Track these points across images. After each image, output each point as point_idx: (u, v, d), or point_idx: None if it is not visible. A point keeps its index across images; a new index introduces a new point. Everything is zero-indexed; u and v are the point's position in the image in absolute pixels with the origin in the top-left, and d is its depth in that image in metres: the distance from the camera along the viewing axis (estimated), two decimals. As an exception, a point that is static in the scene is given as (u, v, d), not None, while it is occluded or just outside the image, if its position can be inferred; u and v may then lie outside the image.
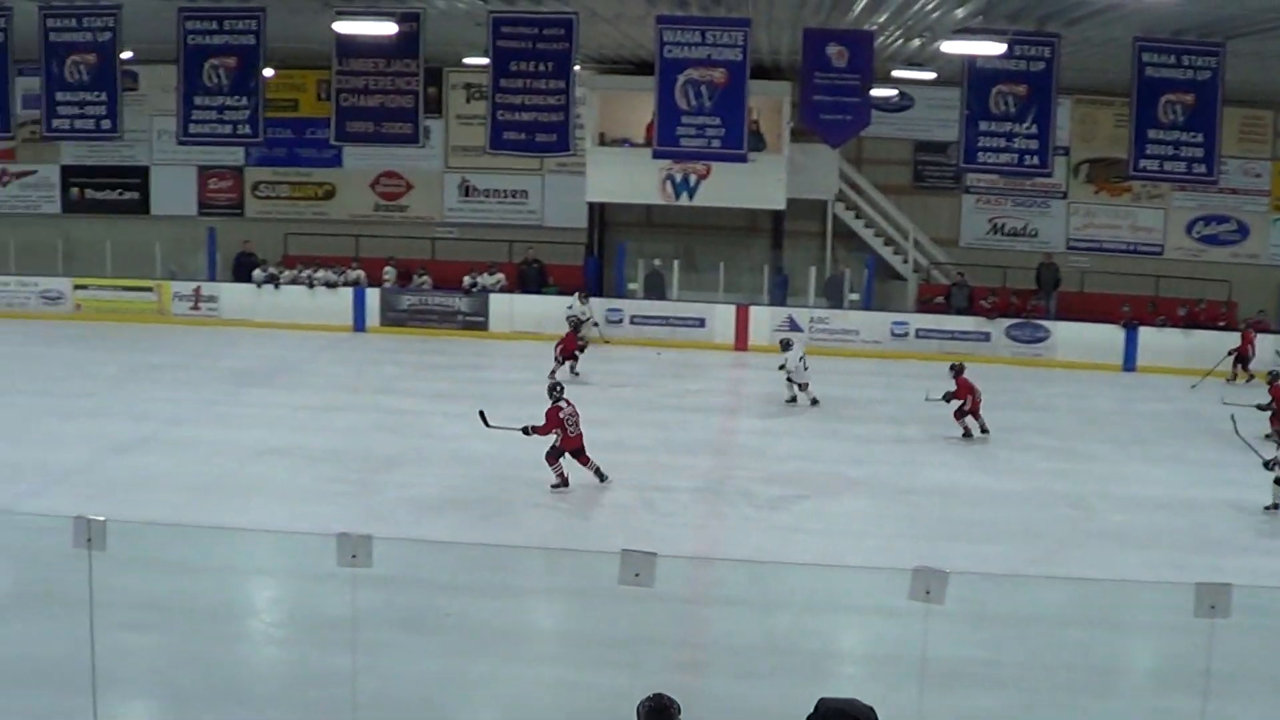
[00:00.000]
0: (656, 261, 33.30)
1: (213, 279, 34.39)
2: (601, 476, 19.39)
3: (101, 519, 8.16)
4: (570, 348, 27.50)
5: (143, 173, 36.75)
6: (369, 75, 24.67)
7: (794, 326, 31.42)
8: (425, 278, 33.71)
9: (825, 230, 33.94)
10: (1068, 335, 31.34)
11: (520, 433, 19.27)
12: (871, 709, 6.81)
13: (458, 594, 14.38)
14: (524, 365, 27.68)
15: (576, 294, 31.47)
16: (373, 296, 32.87)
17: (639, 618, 13.23)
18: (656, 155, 25.40)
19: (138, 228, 35.71)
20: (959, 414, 23.29)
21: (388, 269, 33.98)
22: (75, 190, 37.15)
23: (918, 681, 10.06)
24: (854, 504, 19.29)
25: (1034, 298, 32.88)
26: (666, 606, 13.09)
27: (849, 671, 13.55)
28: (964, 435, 23.27)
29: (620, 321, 32.03)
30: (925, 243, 34.45)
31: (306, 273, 33.41)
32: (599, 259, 34.45)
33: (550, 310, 31.27)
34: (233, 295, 33.17)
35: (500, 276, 33.43)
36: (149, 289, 33.52)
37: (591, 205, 34.03)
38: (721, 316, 32.01)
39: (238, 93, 24.19)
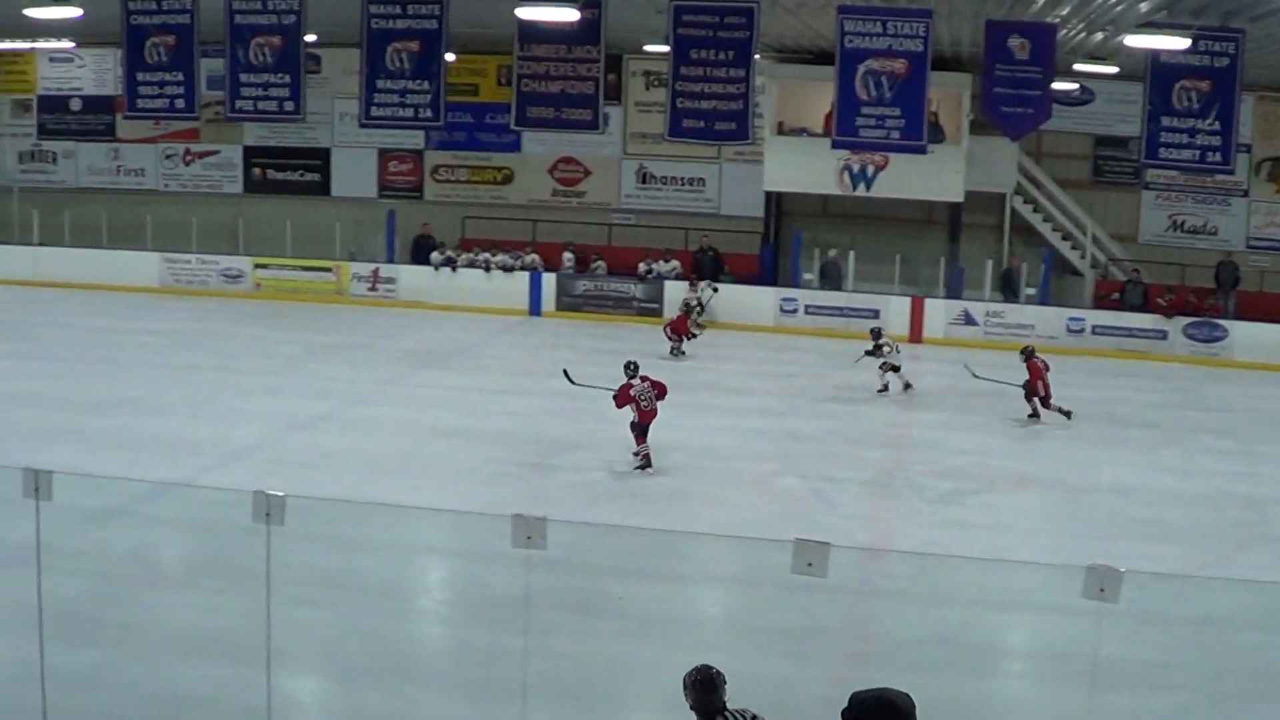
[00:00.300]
0: (832, 252, 33.05)
1: (391, 261, 34.85)
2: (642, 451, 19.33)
3: (281, 494, 8.24)
4: (680, 329, 28.21)
5: (324, 154, 37.31)
6: (550, 61, 24.84)
7: (969, 320, 31.10)
8: (600, 263, 33.82)
9: (1002, 224, 33.45)
10: (1246, 335, 30.53)
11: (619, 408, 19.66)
12: (907, 694, 6.46)
13: (626, 579, 14.38)
14: (699, 351, 27.69)
15: (692, 279, 32.01)
16: (548, 281, 33.05)
17: (806, 608, 13.11)
18: (835, 145, 25.27)
19: (318, 209, 36.29)
20: (1029, 395, 23.23)
21: (567, 254, 34.13)
22: (257, 171, 37.86)
23: (1088, 681, 9.85)
24: (1025, 500, 19.02)
25: (1212, 297, 32.08)
26: (835, 597, 12.97)
27: (1016, 668, 13.39)
28: (1030, 415, 23.26)
29: (795, 311, 31.87)
30: (1103, 238, 33.82)
31: (483, 256, 33.70)
32: (775, 248, 34.31)
33: (726, 299, 31.29)
34: (410, 277, 33.56)
35: (676, 264, 33.43)
36: (328, 269, 34.03)
37: (768, 194, 33.89)
38: (896, 308, 31.68)
39: (419, 77, 24.46)
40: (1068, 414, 23.15)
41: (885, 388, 25.22)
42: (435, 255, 33.90)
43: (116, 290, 33.15)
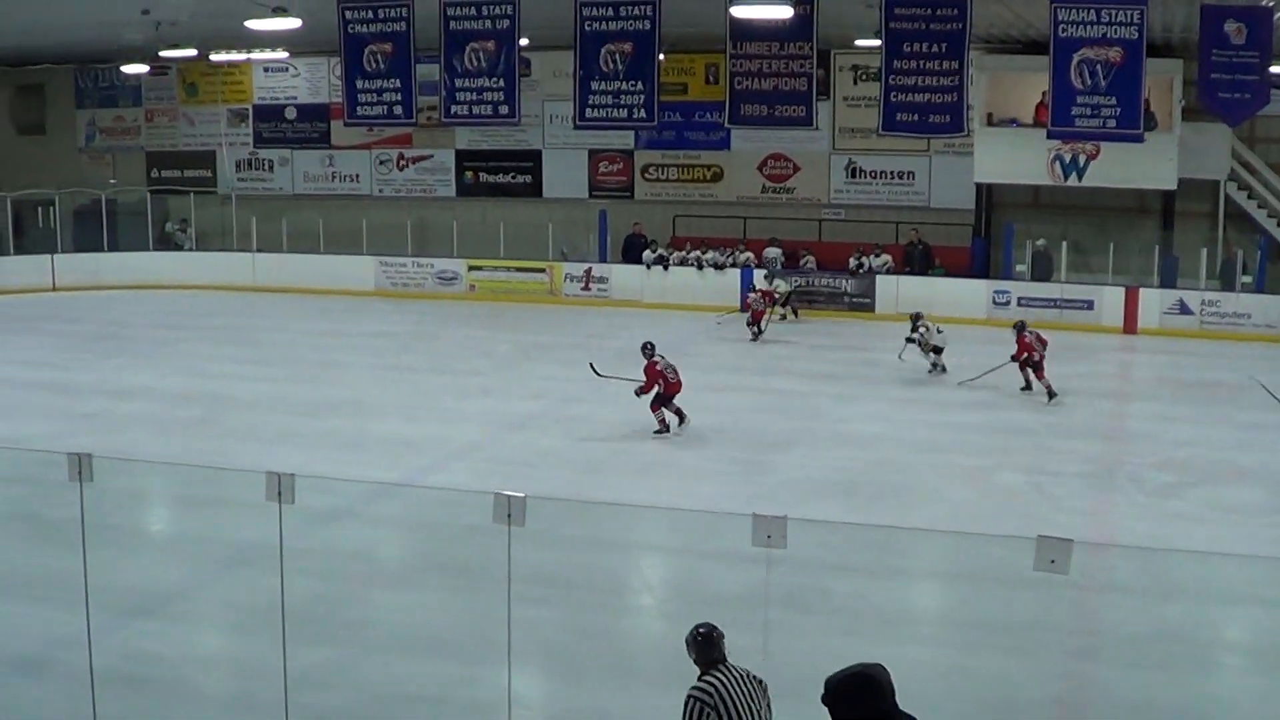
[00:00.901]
0: (1040, 242, 32.44)
1: (603, 260, 35.00)
2: (682, 418, 20.71)
3: (521, 495, 8.22)
4: (758, 317, 29.43)
5: (535, 156, 37.60)
6: (763, 59, 24.78)
7: (1184, 309, 30.32)
8: (810, 258, 33.62)
9: (1216, 211, 32.47)
10: None
11: (635, 394, 20.70)
12: (881, 665, 6.43)
13: (847, 575, 14.21)
14: (913, 348, 27.39)
15: (765, 271, 32.45)
16: (758, 278, 32.90)
17: (1029, 603, 12.87)
18: (1051, 135, 24.86)
19: (530, 210, 36.58)
20: (1022, 365, 23.53)
21: (771, 249, 33.97)
22: (469, 174, 38.28)
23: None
24: (1247, 493, 18.38)
25: None
26: (1057, 593, 12.63)
27: (1239, 663, 13.06)
28: (1024, 387, 23.56)
29: (1008, 303, 31.33)
30: (1323, 225, 32.70)
31: (694, 254, 33.71)
32: (986, 240, 33.78)
33: (937, 292, 30.95)
34: (623, 276, 33.71)
35: (887, 258, 33.12)
36: (541, 270, 34.32)
37: (979, 186, 33.36)
38: (1110, 299, 31.00)
39: (633, 77, 24.58)
40: (1052, 394, 23.06)
41: (935, 367, 25.28)
42: (647, 254, 34.02)
43: (333, 294, 33.79)
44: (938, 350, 25.38)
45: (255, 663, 12.24)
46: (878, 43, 24.14)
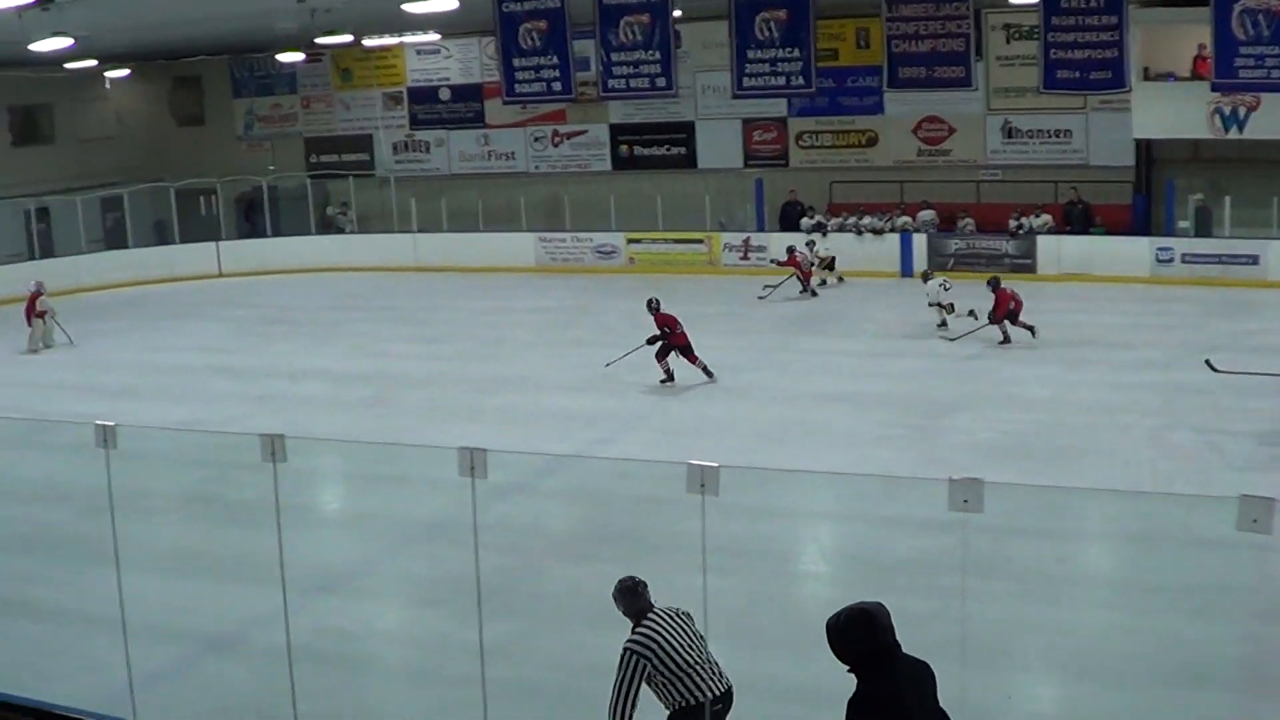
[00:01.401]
0: (1198, 197, 31.76)
1: (761, 229, 34.93)
2: (709, 374, 21.89)
3: (715, 465, 8.22)
4: (807, 276, 30.44)
5: (689, 128, 37.51)
6: (919, 20, 24.51)
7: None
8: (969, 221, 33.26)
9: (1383, 159, 31.56)
10: None
11: (647, 344, 22.02)
12: (880, 604, 6.76)
13: (1024, 538, 14.06)
14: (1074, 307, 27.00)
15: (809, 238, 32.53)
16: (919, 242, 32.64)
17: (1207, 565, 12.69)
18: (1215, 88, 24.35)
19: (686, 181, 36.56)
20: (997, 321, 24.23)
21: (925, 212, 33.70)
22: (624, 147, 38.31)
23: None
24: None
25: None
26: (1236, 554, 12.43)
27: None
28: (1002, 341, 24.15)
29: (1171, 261, 30.73)
30: None
31: (852, 220, 33.52)
32: (1147, 197, 33.16)
33: (1099, 252, 30.53)
34: (782, 244, 33.58)
35: (1047, 218, 32.64)
36: (699, 240, 34.32)
37: (1138, 142, 32.72)
38: (1276, 253, 30.20)
39: (789, 44, 24.46)
40: (1031, 329, 24.08)
41: (943, 323, 25.54)
42: (805, 221, 33.88)
43: (495, 271, 34.08)
44: (949, 308, 25.63)
45: (441, 636, 12.44)
46: (1033, 0, 23.75)
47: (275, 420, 19.35)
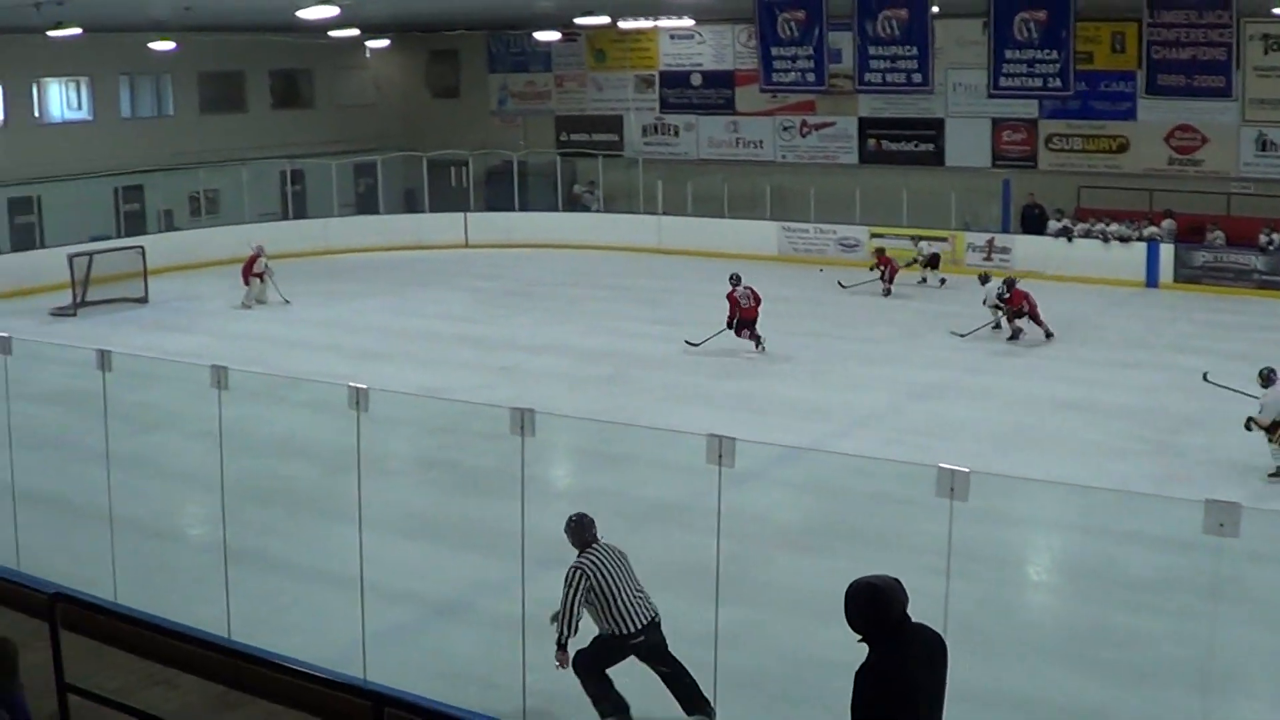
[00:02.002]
0: None
1: (1006, 230, 34.49)
2: (758, 343, 24.00)
3: (965, 470, 8.21)
4: (894, 272, 30.83)
5: (938, 125, 37.13)
6: (1181, 28, 24.04)
7: None
8: (1219, 234, 32.44)
9: None
10: None
11: (728, 328, 24.04)
12: (893, 578, 6.86)
13: (1265, 564, 13.74)
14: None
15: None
16: (1166, 252, 31.91)
17: None
18: None
19: (932, 178, 36.23)
20: (1010, 317, 25.21)
21: (1166, 221, 32.95)
22: (872, 141, 38.08)
23: None
24: None
25: None
26: None
27: None
28: (1012, 337, 25.14)
29: None
30: None
31: (1099, 226, 32.94)
32: None
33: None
34: (1025, 246, 33.11)
35: (1299, 235, 31.71)
36: (943, 239, 33.99)
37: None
38: None
39: (1047, 46, 24.25)
40: (1049, 333, 25.09)
41: (998, 325, 26.00)
42: (1052, 224, 33.38)
43: (736, 258, 34.07)
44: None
45: (667, 619, 12.56)
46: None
47: (515, 392, 19.78)
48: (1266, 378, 17.85)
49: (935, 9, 25.89)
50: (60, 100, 39.16)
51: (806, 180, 37.01)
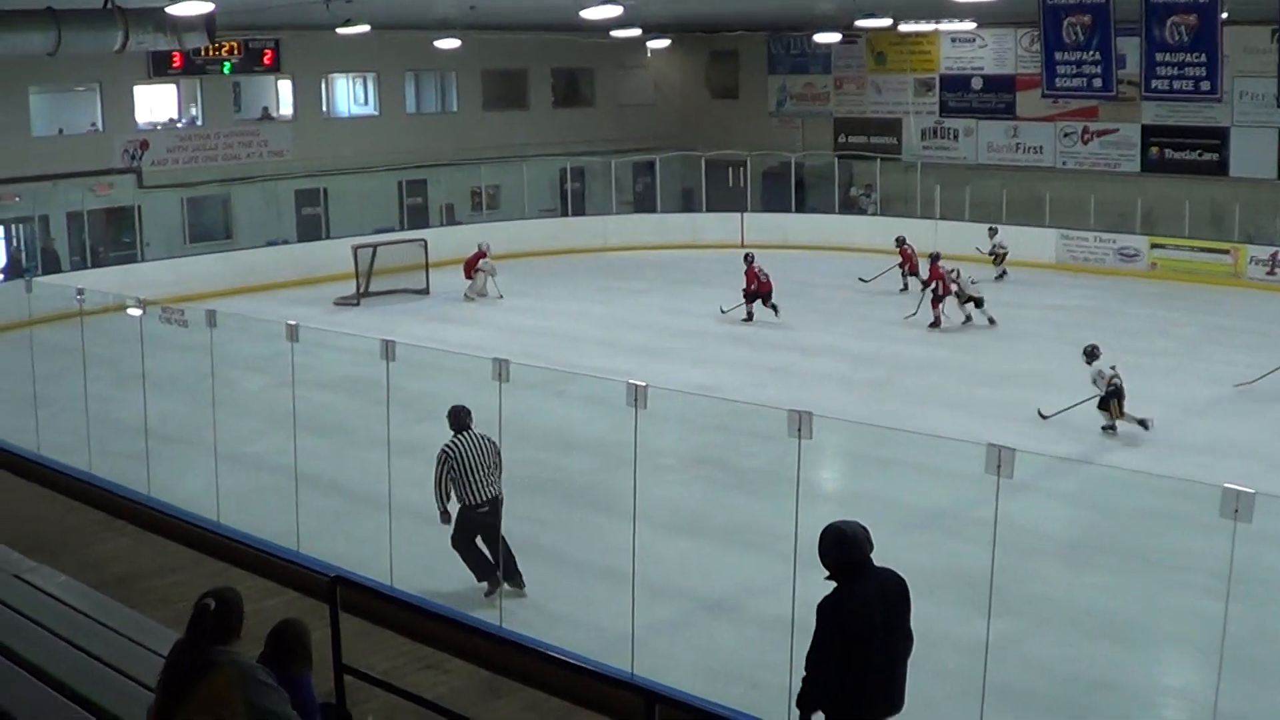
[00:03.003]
0: None
1: (1291, 244, 33.49)
2: (774, 309, 27.24)
3: (1251, 491, 8.08)
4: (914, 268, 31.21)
5: (1222, 134, 36.11)
6: None
7: None
8: None
9: None
10: None
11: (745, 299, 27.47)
12: (858, 523, 7.94)
13: None
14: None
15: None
16: None
17: None
18: None
19: (1215, 188, 35.29)
20: (934, 301, 26.70)
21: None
22: (1154, 150, 37.22)
23: None
24: None
25: None
26: None
27: None
28: (932, 324, 26.63)
29: None
30: None
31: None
32: None
33: None
34: (1314, 263, 32.16)
35: None
36: (1225, 251, 33.12)
37: None
38: None
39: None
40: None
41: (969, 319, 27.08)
42: (1340, 241, 32.33)
43: (1014, 265, 33.70)
44: (977, 302, 26.99)
45: (929, 626, 12.55)
46: None
47: (785, 393, 19.92)
48: (1090, 354, 20.00)
49: (1224, 15, 25.24)
50: (347, 96, 40.57)
51: (1086, 187, 36.33)
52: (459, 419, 13.31)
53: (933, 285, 26.44)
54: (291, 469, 14.10)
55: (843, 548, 7.77)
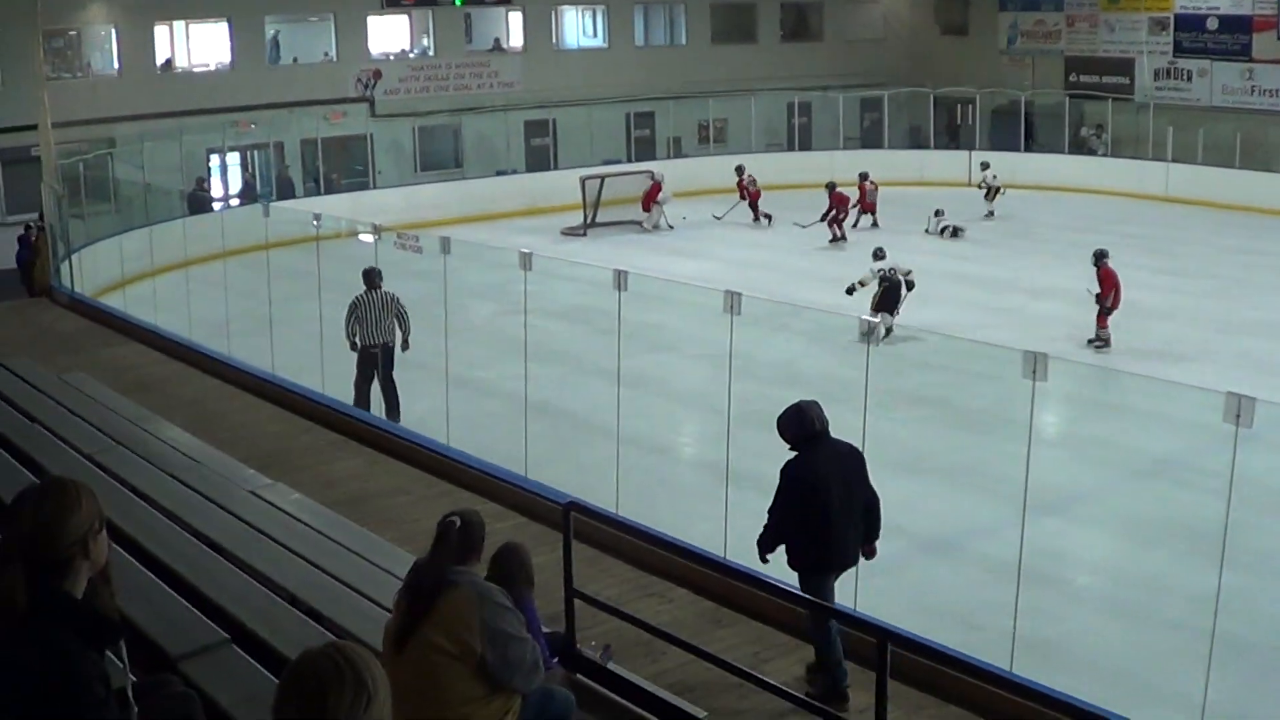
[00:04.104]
0: None
1: None
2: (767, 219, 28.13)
3: None
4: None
5: None
6: None
7: None
8: None
9: None
10: None
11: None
12: (814, 402, 9.21)
13: None
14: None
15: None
16: None
17: None
18: None
19: None
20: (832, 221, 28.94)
21: None
22: None
23: None
24: None
25: None
26: None
27: None
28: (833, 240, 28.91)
29: None
30: None
31: None
32: None
33: None
34: None
35: None
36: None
37: None
38: None
39: None
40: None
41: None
42: None
43: (1248, 210, 32.82)
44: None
45: (1155, 577, 12.39)
46: None
47: (1012, 335, 19.67)
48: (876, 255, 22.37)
49: None
50: (577, 28, 40.89)
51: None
52: (370, 278, 16.61)
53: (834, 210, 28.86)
54: (520, 395, 14.26)
55: (802, 422, 9.05)
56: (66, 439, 10.40)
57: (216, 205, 32.21)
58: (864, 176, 32.26)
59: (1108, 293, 21.47)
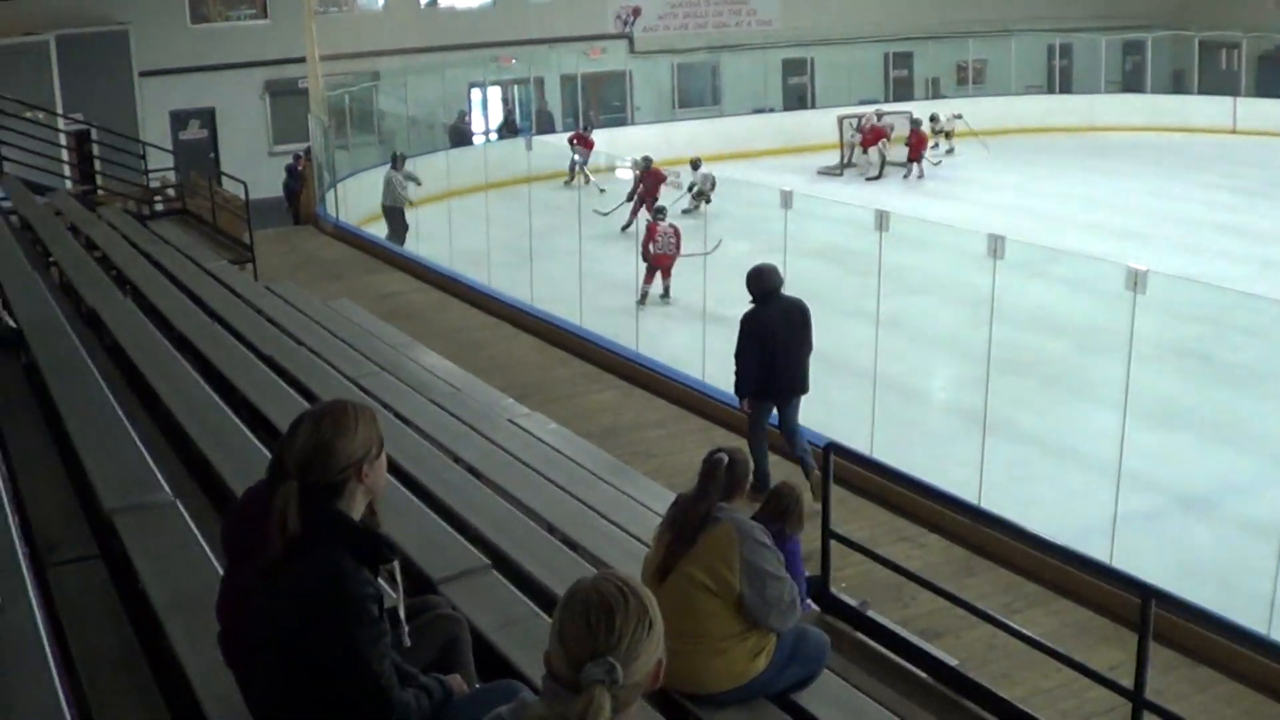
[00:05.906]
0: None
1: None
2: (665, 296, 19.62)
3: None
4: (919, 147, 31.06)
5: None
6: None
7: None
8: None
9: None
10: None
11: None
12: (773, 266, 11.26)
13: None
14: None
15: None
16: None
17: None
18: None
19: None
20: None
21: None
22: None
23: None
24: None
25: None
26: None
27: None
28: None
29: None
30: None
31: None
32: None
33: None
34: None
35: None
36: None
37: None
38: None
39: None
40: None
41: None
42: None
43: None
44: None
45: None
46: None
47: (1276, 287, 19.02)
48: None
49: None
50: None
51: None
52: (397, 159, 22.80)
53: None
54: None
55: (760, 279, 11.01)
56: (331, 362, 10.70)
57: (477, 139, 32.79)
58: (917, 123, 31.62)
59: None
